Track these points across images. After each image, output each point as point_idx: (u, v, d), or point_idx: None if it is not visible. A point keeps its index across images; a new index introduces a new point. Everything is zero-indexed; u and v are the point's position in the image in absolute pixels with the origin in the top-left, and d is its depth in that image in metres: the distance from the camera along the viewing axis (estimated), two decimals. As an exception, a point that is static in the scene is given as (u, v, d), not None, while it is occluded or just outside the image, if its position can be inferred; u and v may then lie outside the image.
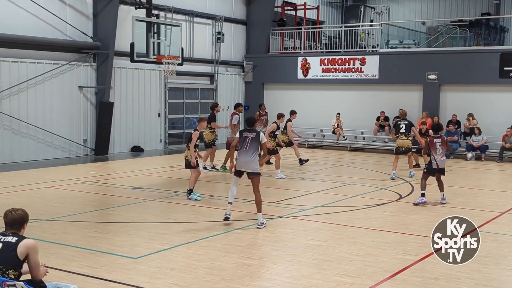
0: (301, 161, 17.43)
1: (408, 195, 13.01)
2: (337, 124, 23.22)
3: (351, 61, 23.70)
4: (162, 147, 22.31)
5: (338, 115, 23.29)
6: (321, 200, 12.50)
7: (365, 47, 25.30)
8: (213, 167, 16.29)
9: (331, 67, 24.18)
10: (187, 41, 22.90)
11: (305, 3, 27.80)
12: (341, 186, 14.14)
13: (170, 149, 22.10)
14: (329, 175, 15.76)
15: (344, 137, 23.12)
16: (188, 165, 11.98)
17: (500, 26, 27.72)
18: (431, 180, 12.13)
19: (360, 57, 23.55)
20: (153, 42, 18.21)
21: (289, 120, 16.79)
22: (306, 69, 24.71)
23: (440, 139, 11.97)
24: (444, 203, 11.89)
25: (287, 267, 7.57)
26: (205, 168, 15.92)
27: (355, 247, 8.50)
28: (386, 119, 22.65)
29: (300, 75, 24.86)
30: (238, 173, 9.97)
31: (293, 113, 17.02)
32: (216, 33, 24.50)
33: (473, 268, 7.53)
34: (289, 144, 16.86)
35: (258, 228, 9.60)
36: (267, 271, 7.44)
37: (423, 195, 11.87)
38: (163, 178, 15.01)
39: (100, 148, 19.70)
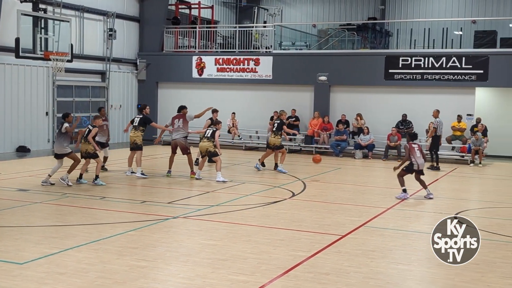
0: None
1: (300, 192, 13.34)
2: (232, 124, 23.37)
3: (246, 61, 23.97)
4: (50, 147, 21.37)
5: (233, 114, 23.45)
6: (216, 199, 12.52)
7: (259, 48, 25.68)
8: (132, 172, 15.21)
9: (226, 66, 24.33)
10: (76, 37, 22.14)
11: (199, 2, 27.75)
12: (236, 185, 14.24)
13: (59, 149, 21.22)
14: (224, 174, 15.79)
15: (239, 136, 23.31)
16: (92, 155, 13.62)
17: (385, 31, 29.11)
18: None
19: (254, 57, 23.87)
20: (40, 38, 17.46)
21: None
22: (201, 68, 24.69)
23: (417, 145, 12.89)
24: (431, 197, 12.66)
25: (181, 268, 7.51)
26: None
27: (249, 245, 8.59)
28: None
29: (195, 74, 24.80)
30: (56, 156, 13.62)
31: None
32: (108, 30, 23.87)
33: (361, 262, 7.85)
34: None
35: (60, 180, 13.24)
36: (161, 273, 7.33)
37: (405, 191, 12.66)
38: (51, 179, 14.39)
39: (-18, 149, 18.60)
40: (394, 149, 20.67)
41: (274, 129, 16.66)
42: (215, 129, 14.77)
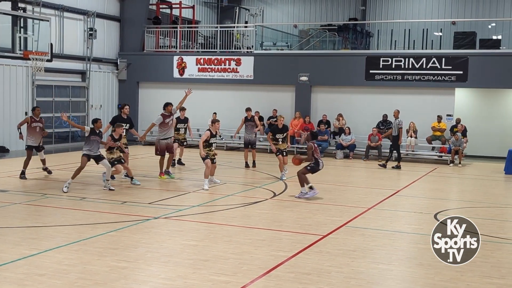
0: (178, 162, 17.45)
1: (281, 193, 13.36)
2: (213, 124, 23.29)
3: (227, 62, 23.95)
4: (30, 148, 21.15)
5: (214, 114, 23.38)
6: (197, 199, 12.49)
7: (240, 48, 25.66)
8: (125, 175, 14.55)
9: (207, 66, 24.29)
10: (56, 37, 21.94)
11: (180, 1, 27.67)
12: (217, 185, 14.21)
13: (39, 150, 21.01)
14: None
15: (220, 136, 23.23)
16: (119, 160, 13.46)
17: (366, 31, 29.29)
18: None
19: (235, 57, 23.87)
20: (20, 37, 17.26)
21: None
22: (182, 68, 24.61)
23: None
24: (301, 196, 12.58)
25: (162, 268, 7.48)
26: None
27: (230, 246, 8.58)
28: (261, 118, 23.08)
29: (176, 74, 24.72)
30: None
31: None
32: (88, 29, 23.69)
33: (342, 262, 7.89)
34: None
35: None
36: (142, 273, 7.30)
37: (312, 187, 12.54)
38: (31, 180, 14.26)
39: (-40, 149, 18.36)
40: (375, 149, 20.80)
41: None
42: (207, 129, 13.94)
